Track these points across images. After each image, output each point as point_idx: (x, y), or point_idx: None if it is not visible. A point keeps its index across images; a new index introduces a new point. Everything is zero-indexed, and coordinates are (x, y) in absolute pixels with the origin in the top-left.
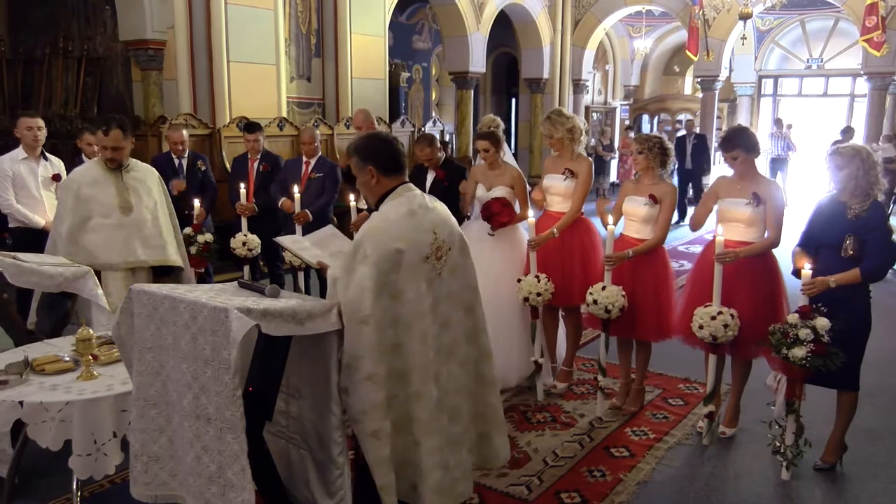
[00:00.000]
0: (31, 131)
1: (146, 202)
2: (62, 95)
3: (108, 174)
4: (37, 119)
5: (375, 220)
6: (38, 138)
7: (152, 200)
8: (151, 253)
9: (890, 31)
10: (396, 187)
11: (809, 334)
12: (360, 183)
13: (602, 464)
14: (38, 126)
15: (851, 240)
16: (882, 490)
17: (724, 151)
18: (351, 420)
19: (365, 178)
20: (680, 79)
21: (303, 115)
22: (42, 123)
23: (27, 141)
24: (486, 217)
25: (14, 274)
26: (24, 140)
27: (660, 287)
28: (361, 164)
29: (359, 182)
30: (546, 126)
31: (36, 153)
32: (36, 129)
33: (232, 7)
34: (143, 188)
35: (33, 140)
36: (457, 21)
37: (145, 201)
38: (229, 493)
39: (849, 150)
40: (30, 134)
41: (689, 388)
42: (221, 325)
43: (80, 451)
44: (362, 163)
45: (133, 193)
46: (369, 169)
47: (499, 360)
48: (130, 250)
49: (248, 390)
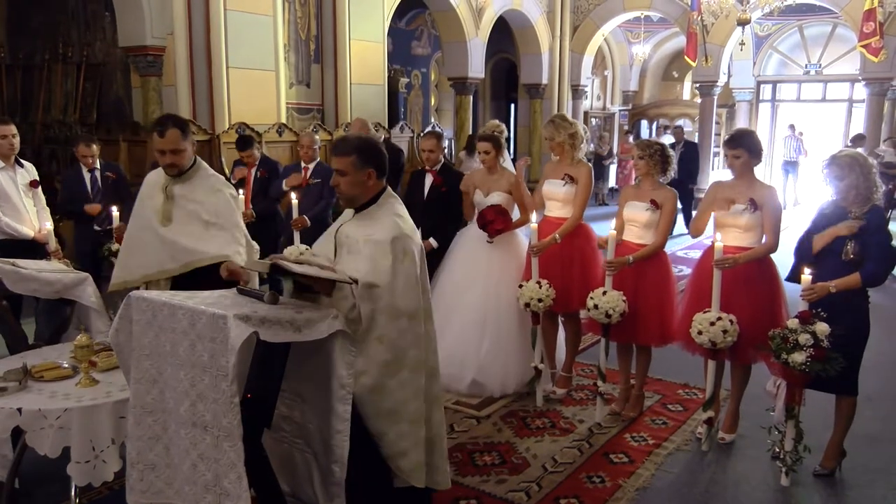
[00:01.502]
0: (6, 139)
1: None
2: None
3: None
4: (10, 126)
5: (395, 220)
6: (13, 146)
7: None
8: (179, 259)
9: (888, 37)
10: (384, 189)
11: (809, 339)
12: (352, 182)
13: (601, 470)
14: (13, 133)
15: (852, 244)
16: (881, 496)
17: (729, 148)
18: (392, 405)
19: (361, 178)
20: (678, 84)
21: (302, 120)
22: (15, 130)
23: (2, 150)
24: (482, 225)
25: (14, 280)
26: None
27: (662, 292)
28: (362, 165)
29: (349, 180)
30: (549, 129)
31: (11, 161)
32: (10, 136)
33: (231, 13)
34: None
35: (9, 148)
36: (456, 27)
37: (189, 209)
38: (225, 502)
39: (846, 158)
40: (5, 142)
41: (689, 393)
42: (220, 332)
43: (78, 458)
44: (364, 164)
45: (177, 204)
46: (370, 171)
47: (497, 367)
48: (160, 261)
49: (247, 397)
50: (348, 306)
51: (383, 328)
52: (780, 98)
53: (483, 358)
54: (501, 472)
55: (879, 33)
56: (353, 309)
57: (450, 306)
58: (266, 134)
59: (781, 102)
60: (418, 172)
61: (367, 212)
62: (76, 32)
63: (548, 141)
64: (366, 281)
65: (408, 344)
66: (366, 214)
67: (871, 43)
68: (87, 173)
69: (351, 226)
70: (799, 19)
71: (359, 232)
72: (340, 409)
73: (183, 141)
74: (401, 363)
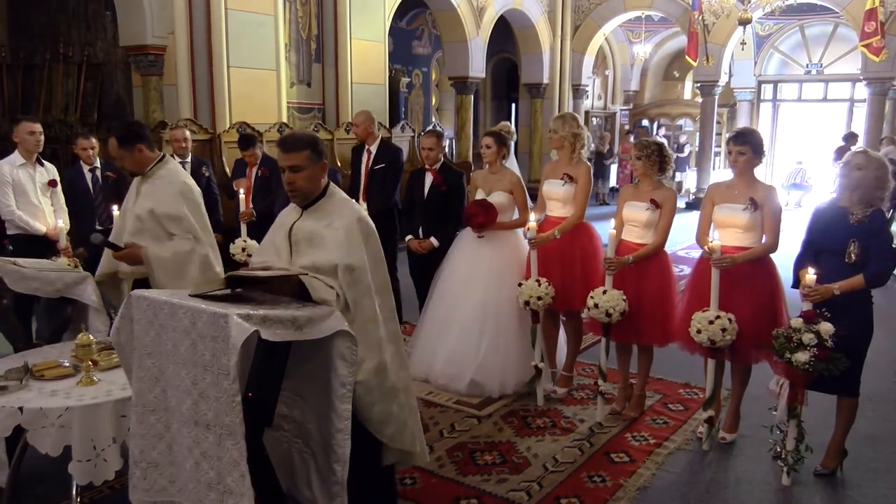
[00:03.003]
0: (33, 136)
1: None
2: (62, 101)
3: (135, 180)
4: (38, 124)
5: (350, 204)
6: (39, 143)
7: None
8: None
9: (889, 37)
10: (329, 182)
11: (813, 339)
12: (308, 176)
13: (602, 469)
14: (40, 131)
15: (855, 245)
16: (882, 496)
17: (735, 144)
18: (393, 380)
19: (317, 172)
20: (679, 84)
21: (303, 120)
22: (41, 129)
23: (28, 146)
24: (465, 220)
25: (15, 279)
26: (26, 145)
27: (663, 291)
28: (317, 158)
29: (306, 175)
30: (557, 122)
31: (33, 159)
32: (38, 133)
33: (232, 12)
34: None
35: (35, 145)
36: (457, 26)
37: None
38: (228, 500)
39: (876, 154)
40: (32, 139)
41: (690, 393)
42: (221, 331)
43: (79, 457)
44: (318, 157)
45: (139, 200)
46: (323, 164)
47: (496, 367)
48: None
49: (248, 396)
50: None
51: (369, 308)
52: (782, 98)
53: (482, 358)
54: (502, 471)
55: (881, 33)
56: (339, 299)
57: (449, 306)
58: (267, 133)
59: (782, 102)
60: (418, 172)
61: (318, 205)
62: (77, 32)
63: (551, 133)
64: (345, 264)
65: (386, 317)
66: (318, 208)
67: (872, 42)
68: (88, 173)
69: (306, 221)
70: (800, 19)
71: (318, 225)
72: (341, 407)
73: (119, 150)
74: (387, 338)
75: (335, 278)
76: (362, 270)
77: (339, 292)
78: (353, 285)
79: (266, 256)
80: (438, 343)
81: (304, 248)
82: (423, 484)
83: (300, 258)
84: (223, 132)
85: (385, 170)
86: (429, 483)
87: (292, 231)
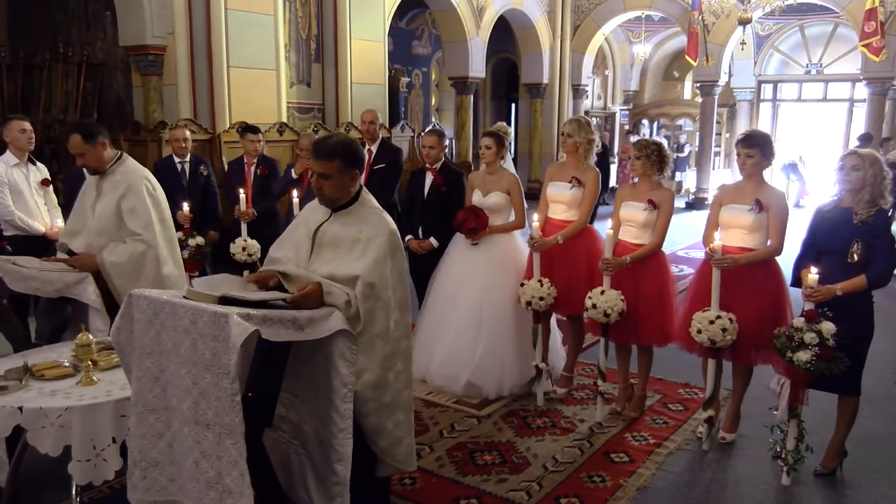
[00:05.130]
0: (24, 134)
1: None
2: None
3: (92, 179)
4: (27, 122)
5: (383, 216)
6: (31, 141)
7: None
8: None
9: (889, 37)
10: (361, 186)
11: (815, 338)
12: (336, 185)
13: (602, 469)
14: (31, 129)
15: (858, 245)
16: (882, 495)
17: (743, 147)
18: (392, 397)
19: (345, 180)
20: (679, 84)
21: (303, 120)
22: (31, 126)
23: (19, 144)
24: (456, 227)
25: (15, 279)
26: (17, 143)
27: (661, 292)
28: (348, 168)
29: (333, 183)
30: (572, 126)
31: (26, 158)
32: (29, 132)
33: (232, 12)
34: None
35: (26, 143)
36: (456, 26)
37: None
38: (227, 499)
39: (869, 153)
40: (23, 137)
41: (689, 393)
42: (221, 331)
43: (79, 457)
44: (349, 167)
45: (101, 198)
46: (354, 173)
47: (493, 369)
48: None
49: (248, 396)
50: (343, 304)
51: (382, 323)
52: (781, 98)
53: (478, 359)
54: (502, 471)
55: (881, 33)
56: (350, 307)
57: (446, 307)
58: (267, 133)
59: (782, 102)
60: (418, 171)
61: (349, 210)
62: (77, 32)
63: (565, 137)
64: (367, 280)
65: (400, 335)
66: (348, 213)
67: (872, 42)
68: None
69: (334, 224)
70: (800, 19)
71: (345, 230)
72: (343, 407)
73: (83, 145)
74: (396, 355)
75: (352, 287)
76: (382, 287)
77: (353, 301)
78: (370, 299)
79: (284, 252)
80: (435, 344)
81: (326, 254)
82: (422, 484)
83: (320, 264)
84: (223, 132)
85: (385, 170)
86: (429, 483)
87: (318, 232)
